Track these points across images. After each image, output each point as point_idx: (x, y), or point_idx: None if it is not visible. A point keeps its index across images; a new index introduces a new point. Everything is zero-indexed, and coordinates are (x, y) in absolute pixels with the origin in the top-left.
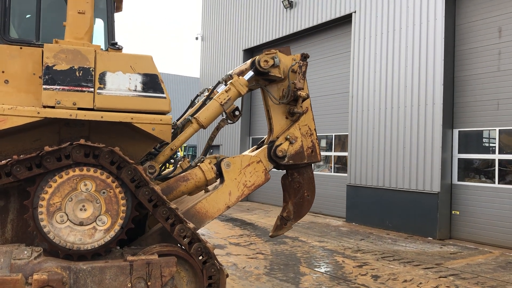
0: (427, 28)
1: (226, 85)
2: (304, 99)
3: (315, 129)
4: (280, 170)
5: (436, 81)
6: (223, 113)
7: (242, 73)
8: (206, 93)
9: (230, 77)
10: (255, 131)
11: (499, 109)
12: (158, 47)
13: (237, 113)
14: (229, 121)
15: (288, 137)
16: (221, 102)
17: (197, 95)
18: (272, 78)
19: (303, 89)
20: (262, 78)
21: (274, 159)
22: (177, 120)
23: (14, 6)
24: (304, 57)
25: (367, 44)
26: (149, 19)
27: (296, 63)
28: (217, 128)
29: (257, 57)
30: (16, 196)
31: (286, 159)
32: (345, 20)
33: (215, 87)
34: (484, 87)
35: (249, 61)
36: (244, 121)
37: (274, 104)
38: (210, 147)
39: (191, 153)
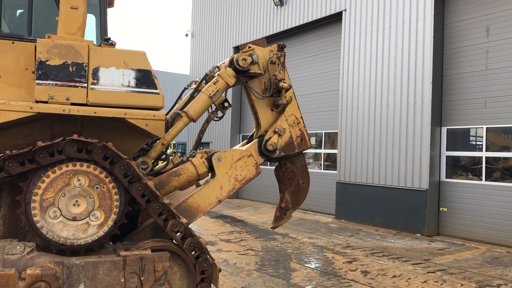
0: (417, 27)
1: (207, 81)
2: (286, 90)
3: (301, 117)
4: (270, 167)
5: (425, 80)
6: (212, 105)
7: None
8: (194, 86)
9: (217, 69)
10: (245, 129)
11: (486, 107)
12: (153, 45)
13: (226, 104)
14: (218, 113)
15: (276, 130)
16: (210, 94)
17: (185, 88)
18: (253, 74)
19: (284, 79)
20: (243, 75)
21: (265, 153)
22: (166, 115)
23: (6, 0)
24: (281, 47)
25: (357, 42)
26: (144, 17)
27: (274, 54)
28: (207, 121)
29: (234, 56)
30: (7, 192)
31: (277, 152)
32: (335, 18)
33: (202, 80)
34: (472, 86)
35: (227, 60)
36: (234, 118)
37: (258, 99)
38: (201, 141)
39: (180, 151)
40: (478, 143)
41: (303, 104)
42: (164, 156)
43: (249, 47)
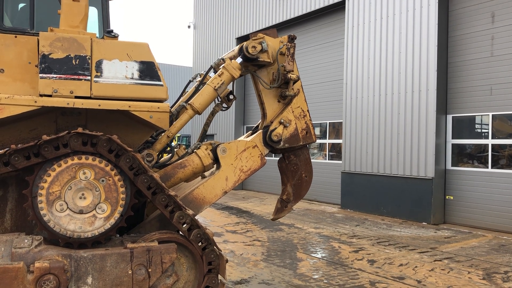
0: (421, 14)
1: (215, 71)
2: (295, 81)
3: (308, 110)
4: (275, 158)
5: (430, 67)
6: (217, 97)
7: (232, 59)
8: (199, 79)
9: (223, 61)
10: (249, 120)
11: (492, 95)
12: (155, 37)
13: (231, 97)
14: (223, 106)
15: (282, 121)
16: (215, 86)
17: (190, 81)
18: (261, 63)
19: (293, 71)
20: (251, 64)
21: (270, 143)
22: (171, 107)
23: None
24: (292, 38)
25: (361, 30)
26: (146, 9)
27: (284, 45)
28: (212, 113)
29: (244, 44)
30: (14, 186)
31: (281, 143)
32: (338, 7)
33: (207, 72)
34: (477, 73)
35: (236, 48)
36: (238, 110)
37: (265, 89)
38: (206, 133)
39: (185, 143)
40: (484, 130)
41: (307, 94)
42: (169, 148)
43: (259, 35)
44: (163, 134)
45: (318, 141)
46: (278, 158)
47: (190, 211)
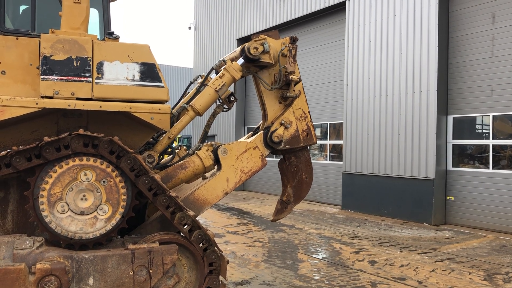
0: (421, 15)
1: (216, 72)
2: (296, 83)
3: (309, 112)
4: (276, 159)
5: (430, 68)
6: (219, 99)
7: (233, 60)
8: (200, 80)
9: (224, 62)
10: (250, 121)
11: (492, 95)
12: (156, 38)
13: (232, 98)
14: (224, 107)
15: (283, 122)
16: (216, 88)
17: (191, 82)
18: (263, 64)
19: (294, 72)
20: (253, 65)
21: (271, 144)
22: (172, 108)
23: None
24: (293, 40)
25: (361, 31)
26: (147, 10)
27: (285, 46)
28: (213, 115)
29: (246, 44)
30: (15, 187)
31: (282, 144)
32: (338, 8)
33: (208, 74)
34: (478, 73)
35: (238, 49)
36: (238, 110)
37: (267, 90)
38: (207, 134)
39: (185, 144)
40: (484, 131)
41: (308, 95)
42: (170, 149)
43: (261, 37)
44: (164, 135)
45: (319, 142)
46: (278, 159)
47: (191, 212)
